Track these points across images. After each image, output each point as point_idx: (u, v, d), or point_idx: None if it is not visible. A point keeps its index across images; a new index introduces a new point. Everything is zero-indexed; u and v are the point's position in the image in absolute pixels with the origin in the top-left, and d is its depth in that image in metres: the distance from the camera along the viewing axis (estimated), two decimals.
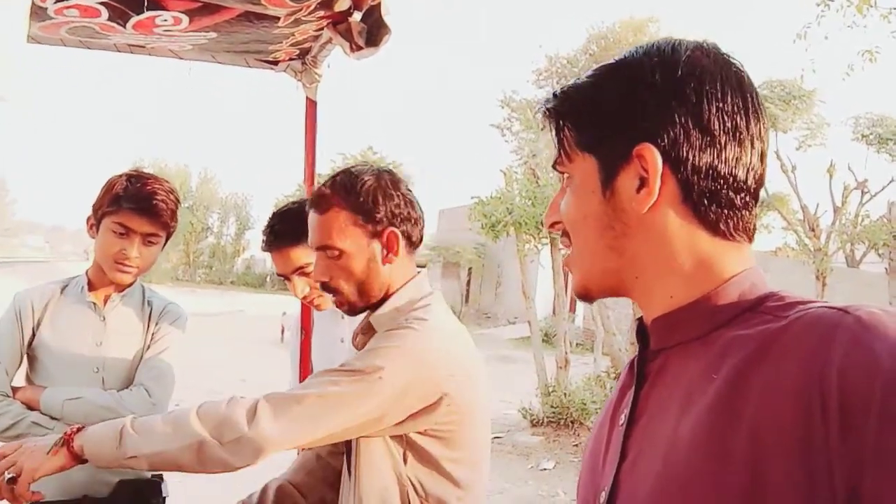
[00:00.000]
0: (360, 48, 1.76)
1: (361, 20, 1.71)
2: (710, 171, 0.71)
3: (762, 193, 0.76)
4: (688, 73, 0.72)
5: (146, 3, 1.72)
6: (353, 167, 1.51)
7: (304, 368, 2.07)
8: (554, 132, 0.81)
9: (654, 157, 0.72)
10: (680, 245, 0.74)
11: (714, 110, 0.71)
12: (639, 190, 0.73)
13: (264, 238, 2.06)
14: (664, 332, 0.76)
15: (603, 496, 0.77)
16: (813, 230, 11.91)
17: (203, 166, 46.01)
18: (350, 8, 1.73)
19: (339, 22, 1.83)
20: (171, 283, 28.53)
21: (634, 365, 0.80)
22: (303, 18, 1.81)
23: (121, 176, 1.92)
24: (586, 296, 0.83)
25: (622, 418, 0.78)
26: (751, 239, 0.76)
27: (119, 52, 2.08)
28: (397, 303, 1.47)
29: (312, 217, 1.48)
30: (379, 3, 1.64)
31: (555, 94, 0.81)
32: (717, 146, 0.71)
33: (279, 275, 2.08)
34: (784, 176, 11.86)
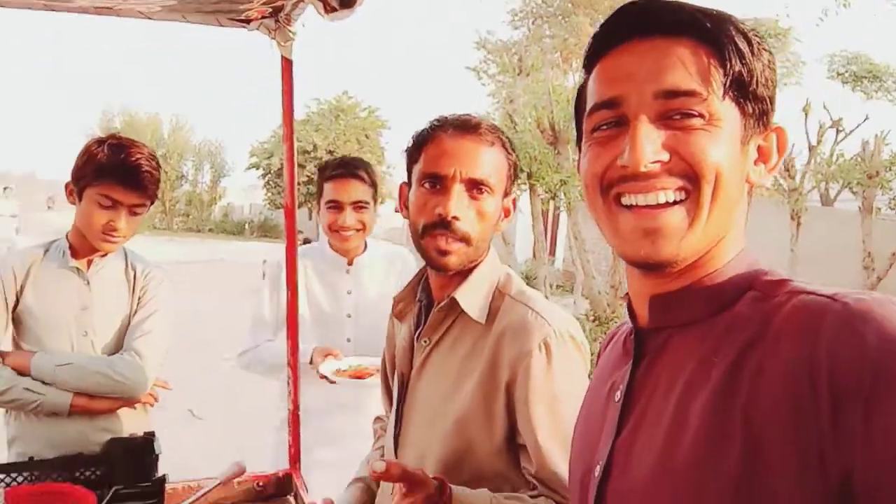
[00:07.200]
0: (334, 10, 1.74)
1: None
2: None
3: None
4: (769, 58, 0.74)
5: None
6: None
7: (292, 325, 2.09)
8: (682, 51, 0.71)
9: (786, 140, 0.74)
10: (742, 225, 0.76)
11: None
12: (756, 162, 0.74)
13: (338, 165, 2.23)
14: (663, 312, 0.76)
15: (598, 470, 0.77)
16: (787, 170, 12.01)
17: (173, 113, 44.75)
18: None
19: None
20: (149, 231, 28.18)
21: (629, 342, 0.80)
22: None
23: (101, 143, 1.89)
24: (672, 262, 0.73)
25: (618, 395, 0.78)
26: None
27: (85, 13, 2.03)
28: (493, 278, 1.32)
29: (471, 145, 1.26)
30: None
31: (699, 11, 0.72)
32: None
33: (332, 201, 2.22)
34: None
